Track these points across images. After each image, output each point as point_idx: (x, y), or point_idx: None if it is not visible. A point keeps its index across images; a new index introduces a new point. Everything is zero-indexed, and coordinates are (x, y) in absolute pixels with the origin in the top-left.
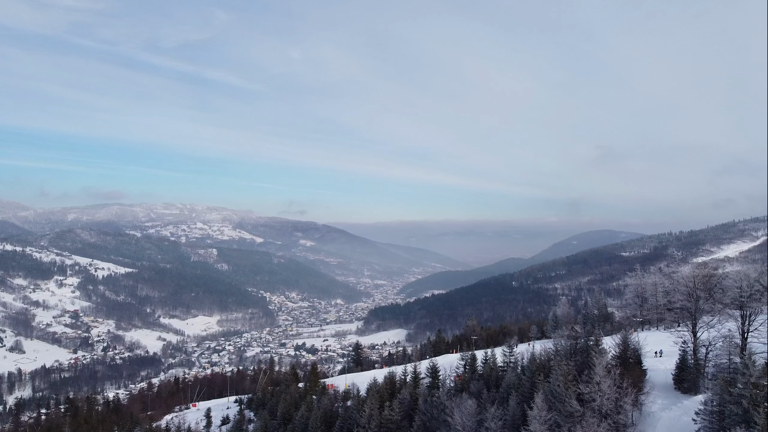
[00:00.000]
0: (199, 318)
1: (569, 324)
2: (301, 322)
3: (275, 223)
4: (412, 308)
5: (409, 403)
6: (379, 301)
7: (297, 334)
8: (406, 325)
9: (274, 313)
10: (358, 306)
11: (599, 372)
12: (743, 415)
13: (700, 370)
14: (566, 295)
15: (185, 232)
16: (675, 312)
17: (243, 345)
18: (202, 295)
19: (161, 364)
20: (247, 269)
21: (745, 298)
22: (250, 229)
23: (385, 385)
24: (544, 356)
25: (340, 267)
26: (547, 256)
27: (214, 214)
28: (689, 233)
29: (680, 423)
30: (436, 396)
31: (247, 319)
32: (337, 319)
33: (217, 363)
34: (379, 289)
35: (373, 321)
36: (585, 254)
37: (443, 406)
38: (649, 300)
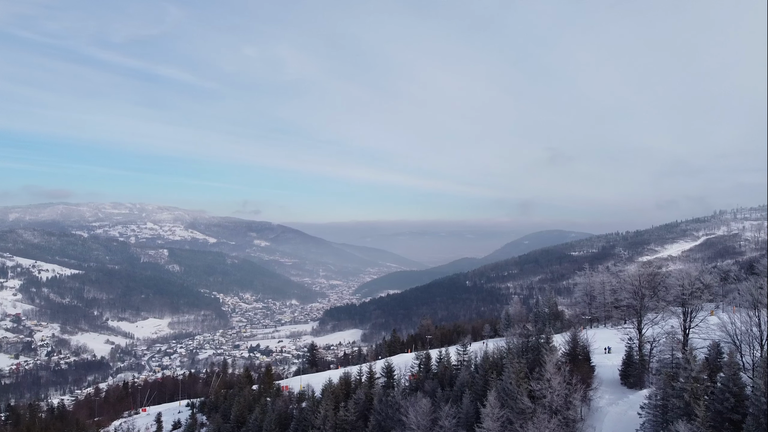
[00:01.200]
0: (149, 320)
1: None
2: (255, 323)
3: (229, 223)
4: (368, 308)
5: (364, 403)
6: (335, 301)
7: (251, 335)
8: (362, 325)
9: (228, 315)
10: (314, 306)
11: (550, 369)
12: (685, 408)
13: (645, 366)
14: (518, 294)
15: (135, 232)
16: (622, 309)
17: (195, 347)
18: (152, 297)
19: (109, 368)
20: (200, 270)
21: (686, 295)
22: (202, 229)
23: (341, 385)
24: (497, 354)
25: (295, 267)
26: (499, 255)
27: (165, 213)
28: (635, 233)
29: (626, 417)
30: (391, 395)
31: (200, 321)
32: (292, 319)
33: (169, 366)
34: (335, 290)
35: (329, 321)
36: (536, 254)
37: (398, 406)
38: (597, 298)
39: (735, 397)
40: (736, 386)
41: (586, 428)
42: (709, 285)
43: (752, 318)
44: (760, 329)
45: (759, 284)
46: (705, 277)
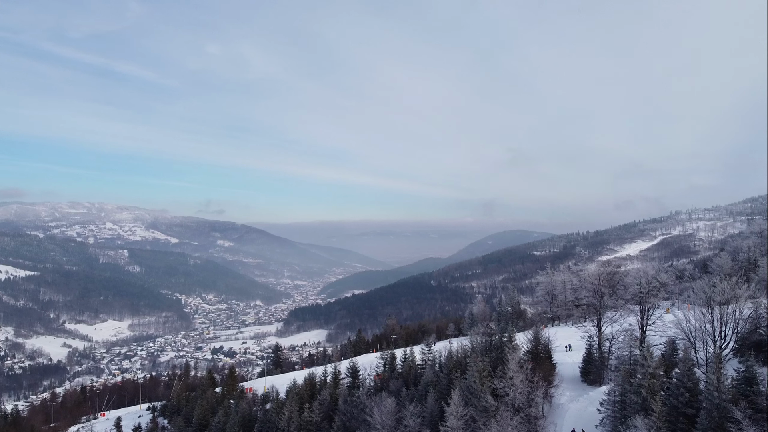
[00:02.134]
0: (108, 323)
1: (485, 321)
2: (218, 324)
3: (191, 223)
4: (333, 308)
5: (329, 404)
6: (300, 301)
7: (214, 337)
8: (327, 325)
9: (190, 316)
10: (278, 307)
11: (512, 367)
12: (642, 403)
13: (605, 363)
14: (482, 293)
15: (93, 232)
16: (582, 308)
17: (156, 350)
18: (111, 299)
19: (66, 372)
20: (161, 271)
21: (644, 294)
22: (164, 229)
23: (305, 386)
24: (461, 353)
25: (260, 268)
26: (463, 255)
27: (125, 213)
28: (595, 233)
29: (586, 413)
30: (356, 396)
31: (161, 322)
32: (256, 320)
33: (129, 369)
34: (300, 290)
35: (294, 322)
36: (500, 254)
37: (363, 406)
38: (558, 297)
39: (689, 392)
40: (691, 381)
41: (548, 425)
42: (665, 283)
43: (705, 315)
44: (713, 326)
45: (712, 283)
46: (661, 276)
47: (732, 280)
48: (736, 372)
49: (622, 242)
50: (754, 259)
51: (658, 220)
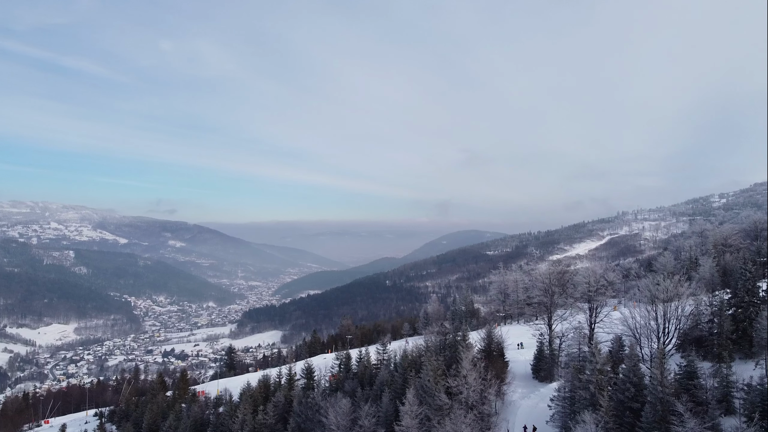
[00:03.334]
0: (53, 326)
1: (439, 320)
2: (169, 327)
3: (141, 222)
4: (288, 309)
5: (284, 405)
6: (254, 302)
7: (165, 339)
8: (282, 326)
9: (140, 319)
10: (232, 308)
11: (466, 366)
12: (590, 399)
13: (555, 360)
14: (436, 292)
15: (37, 232)
16: (533, 306)
17: (104, 354)
18: (56, 302)
19: (7, 378)
20: (110, 272)
21: (592, 292)
22: (112, 229)
23: (259, 388)
24: (416, 352)
25: (213, 268)
26: (419, 255)
27: (71, 213)
28: (546, 233)
29: (537, 409)
30: (311, 397)
31: (109, 325)
32: (209, 322)
33: (75, 374)
34: (254, 291)
35: (248, 323)
36: (454, 253)
37: (318, 407)
38: (511, 296)
39: (635, 386)
40: (636, 377)
41: (500, 422)
42: (613, 282)
43: (650, 312)
44: (657, 323)
45: (656, 281)
46: (609, 274)
47: (674, 279)
48: (679, 367)
49: (572, 242)
50: (695, 258)
51: (606, 221)
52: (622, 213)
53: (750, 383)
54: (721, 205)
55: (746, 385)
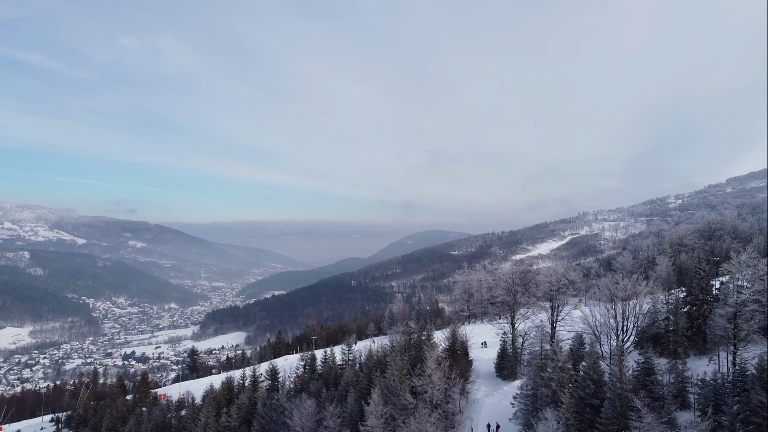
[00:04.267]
0: (6, 330)
1: (404, 320)
2: (130, 329)
3: (101, 222)
4: (252, 310)
5: (248, 407)
6: (217, 303)
7: (125, 342)
8: (246, 327)
9: (99, 321)
10: (195, 309)
11: (431, 365)
12: (552, 396)
13: (518, 358)
14: (402, 292)
15: None
16: (497, 305)
17: (62, 357)
18: (10, 304)
19: None
20: (67, 274)
21: (554, 291)
22: (70, 229)
23: (223, 391)
24: (381, 352)
25: (175, 269)
26: (384, 255)
27: (26, 212)
28: (509, 233)
29: (501, 407)
30: (275, 399)
31: (67, 328)
32: (171, 324)
33: (30, 379)
34: (217, 292)
35: (211, 325)
36: (419, 253)
37: (282, 408)
38: (475, 295)
39: (595, 383)
40: (596, 374)
41: (464, 420)
42: (574, 281)
43: (609, 311)
44: (616, 321)
45: (615, 280)
46: (570, 274)
47: (633, 278)
48: (637, 363)
49: (535, 242)
50: (652, 257)
51: (568, 221)
52: (583, 213)
53: (704, 378)
54: (677, 206)
55: (700, 381)
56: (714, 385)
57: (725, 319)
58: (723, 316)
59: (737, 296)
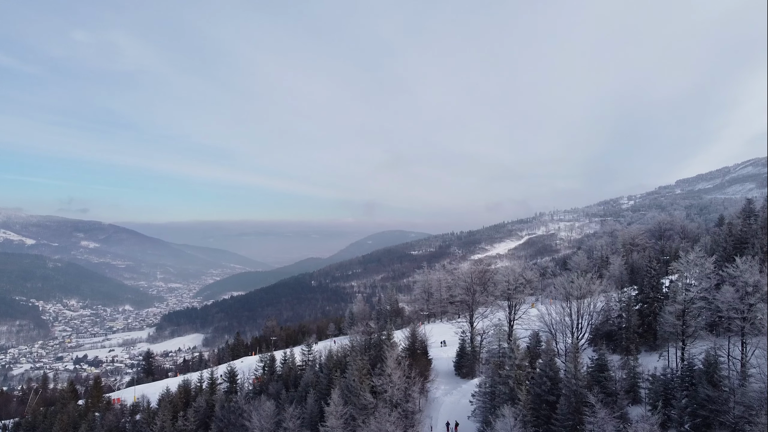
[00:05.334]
0: None
1: (364, 320)
2: (82, 332)
3: (51, 222)
4: (210, 311)
5: (205, 410)
6: (174, 305)
7: (77, 345)
8: (204, 329)
9: (49, 324)
10: (151, 311)
11: (391, 364)
12: (510, 393)
13: (476, 357)
14: (362, 292)
15: None
16: (456, 305)
17: (8, 362)
18: None
19: None
20: (14, 275)
21: (511, 290)
22: (18, 229)
23: (179, 394)
24: (341, 352)
25: (130, 270)
26: (344, 255)
27: None
28: (468, 233)
29: (460, 405)
30: (233, 401)
31: (14, 332)
32: (125, 326)
33: None
34: (174, 293)
35: (167, 327)
36: (379, 253)
37: (241, 411)
38: (434, 295)
39: (551, 380)
40: (552, 371)
41: (424, 418)
42: (531, 280)
43: (565, 309)
44: (571, 319)
45: (570, 279)
46: (527, 273)
47: (587, 277)
48: (591, 360)
49: (493, 242)
50: (605, 256)
51: (525, 221)
52: (540, 214)
53: (654, 374)
54: (630, 207)
55: (651, 376)
56: (664, 380)
57: (674, 316)
58: (672, 314)
59: (685, 294)
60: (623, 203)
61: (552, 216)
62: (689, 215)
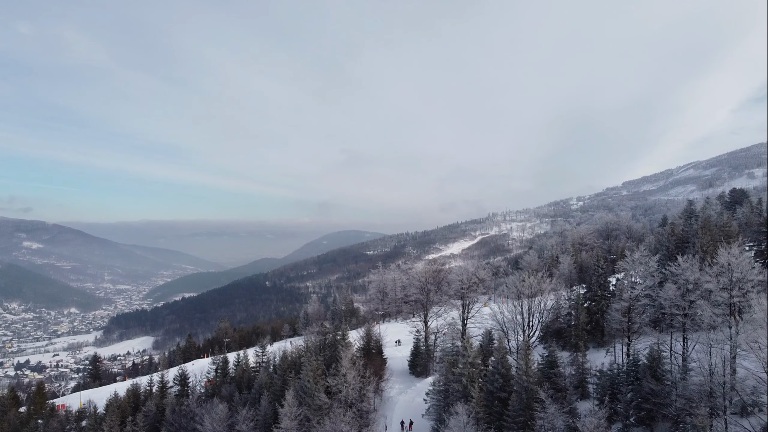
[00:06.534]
0: None
1: (319, 320)
2: (24, 336)
3: None
4: (161, 313)
5: (155, 414)
6: (123, 307)
7: (19, 350)
8: (154, 331)
9: None
10: (98, 314)
11: (345, 364)
12: (463, 391)
13: (431, 355)
14: (317, 292)
15: None
16: (411, 304)
17: None
18: None
19: None
20: None
21: (465, 289)
22: None
23: (128, 398)
24: (296, 353)
25: (76, 272)
26: (299, 255)
27: None
28: (423, 233)
29: (414, 404)
30: (185, 404)
31: None
32: (71, 330)
33: None
34: (123, 295)
35: (116, 330)
36: (334, 253)
37: (193, 414)
38: (389, 294)
39: (503, 377)
40: (504, 368)
41: (379, 418)
42: (483, 279)
43: (517, 307)
44: (523, 317)
45: (522, 278)
46: (480, 272)
47: (538, 276)
48: (541, 357)
49: (447, 242)
50: (556, 256)
51: (478, 221)
52: (493, 214)
53: (602, 369)
54: (579, 208)
55: (598, 371)
56: (610, 375)
57: (620, 313)
58: (618, 311)
59: (631, 292)
60: (573, 204)
61: (504, 216)
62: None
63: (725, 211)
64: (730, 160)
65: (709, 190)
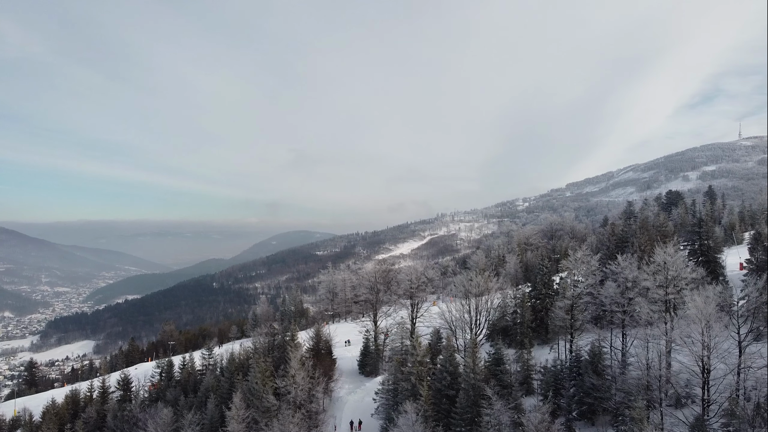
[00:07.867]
0: None
1: (268, 322)
2: None
3: None
4: (102, 316)
5: (96, 421)
6: (61, 310)
7: None
8: (95, 335)
9: None
10: (34, 318)
11: (294, 365)
12: (412, 389)
13: (380, 355)
14: (266, 293)
15: None
16: (360, 304)
17: None
18: None
19: None
20: None
21: (414, 289)
22: None
23: (67, 405)
24: (244, 355)
25: (10, 274)
26: (247, 256)
27: None
28: (373, 233)
29: (363, 403)
30: (127, 409)
31: None
32: (4, 335)
33: None
34: (62, 297)
35: (53, 334)
36: (284, 254)
37: (136, 420)
38: (339, 295)
39: (451, 375)
40: (452, 366)
41: (328, 418)
42: (432, 279)
43: (464, 306)
44: (470, 315)
45: (469, 277)
46: (429, 272)
47: (485, 275)
48: (488, 355)
49: (397, 242)
50: (502, 255)
51: (427, 222)
52: (441, 215)
53: (546, 365)
54: (525, 208)
55: (543, 368)
56: (554, 371)
57: (564, 310)
58: (562, 308)
59: (573, 290)
60: (519, 205)
61: (453, 217)
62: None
63: (662, 212)
64: (667, 164)
65: (647, 192)
